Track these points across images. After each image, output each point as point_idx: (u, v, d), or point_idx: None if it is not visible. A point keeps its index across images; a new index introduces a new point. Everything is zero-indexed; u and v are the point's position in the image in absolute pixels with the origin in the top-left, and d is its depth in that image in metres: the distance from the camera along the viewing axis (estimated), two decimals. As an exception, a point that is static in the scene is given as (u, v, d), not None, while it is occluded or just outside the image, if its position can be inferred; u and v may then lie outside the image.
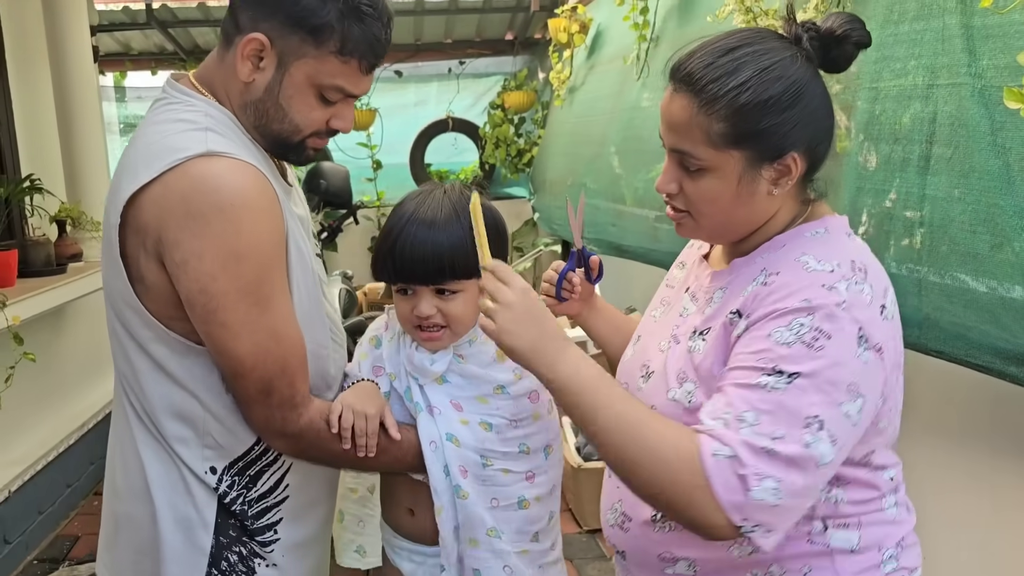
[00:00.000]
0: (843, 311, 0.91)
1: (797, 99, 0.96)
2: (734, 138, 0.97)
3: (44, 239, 3.15)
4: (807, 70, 0.98)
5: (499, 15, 5.17)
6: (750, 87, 0.96)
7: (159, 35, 4.93)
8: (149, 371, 1.18)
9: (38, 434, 3.33)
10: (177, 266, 1.09)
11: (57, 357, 3.48)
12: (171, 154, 1.08)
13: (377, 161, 5.59)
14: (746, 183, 0.99)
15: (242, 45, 1.13)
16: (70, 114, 3.51)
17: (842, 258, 0.96)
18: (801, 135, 0.97)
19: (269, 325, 1.13)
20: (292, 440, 1.19)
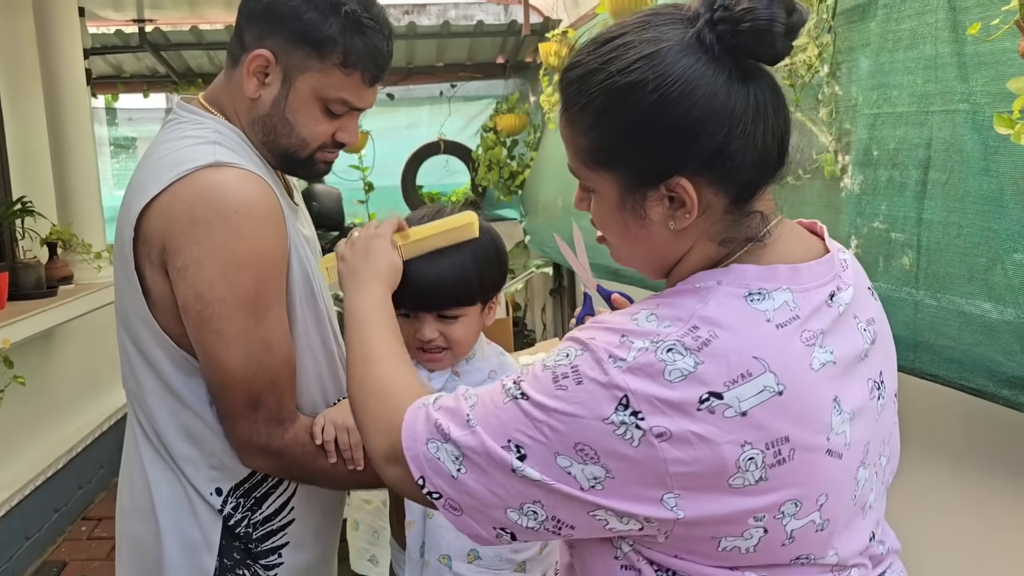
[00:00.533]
0: (612, 367, 0.74)
1: (667, 106, 0.74)
2: (596, 157, 0.80)
3: (35, 261, 3.14)
4: (700, 65, 0.74)
5: (490, 39, 5.21)
6: (603, 91, 0.76)
7: (151, 58, 4.94)
8: (156, 390, 1.18)
9: (26, 458, 3.29)
10: (177, 271, 1.10)
11: (47, 380, 3.46)
12: (179, 166, 1.10)
13: (369, 183, 5.60)
14: (631, 213, 0.80)
15: (248, 62, 1.15)
16: (62, 137, 3.51)
17: (681, 319, 0.75)
18: (683, 153, 0.75)
19: (263, 336, 1.13)
20: (275, 456, 1.18)
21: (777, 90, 0.78)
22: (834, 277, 0.84)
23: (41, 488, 3.27)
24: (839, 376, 0.79)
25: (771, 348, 0.75)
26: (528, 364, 2.73)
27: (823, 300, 0.81)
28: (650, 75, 0.74)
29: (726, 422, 0.72)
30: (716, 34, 0.74)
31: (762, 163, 0.78)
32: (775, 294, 0.78)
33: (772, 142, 0.77)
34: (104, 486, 3.97)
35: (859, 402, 0.81)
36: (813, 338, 0.78)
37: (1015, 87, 1.04)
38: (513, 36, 5.08)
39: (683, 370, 0.73)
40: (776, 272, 0.79)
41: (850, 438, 0.79)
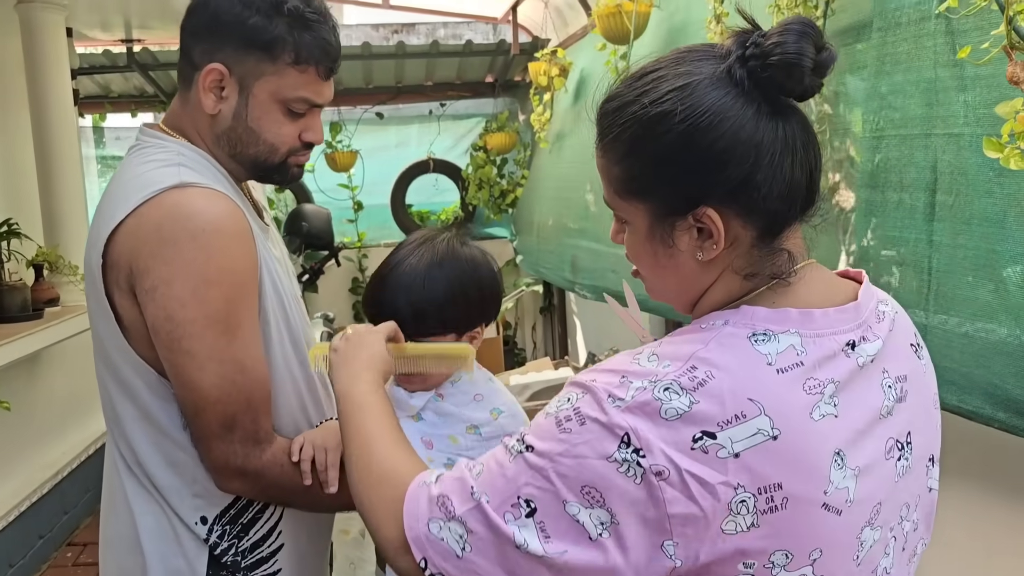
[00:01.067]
0: (612, 406, 0.74)
1: (696, 137, 0.76)
2: (628, 186, 0.82)
3: (20, 284, 3.09)
4: (729, 98, 0.76)
5: (479, 58, 5.23)
6: (635, 121, 0.79)
7: (139, 77, 4.92)
8: (136, 419, 1.16)
9: (10, 484, 3.23)
10: (146, 293, 1.08)
11: (31, 404, 3.40)
12: (145, 188, 1.09)
13: (358, 202, 5.59)
14: (660, 243, 0.82)
15: (202, 79, 1.14)
16: (49, 158, 3.47)
17: (679, 358, 0.76)
18: (710, 184, 0.77)
19: (236, 356, 1.11)
20: (252, 478, 1.15)
21: (808, 127, 0.80)
22: (858, 326, 0.82)
23: (26, 514, 3.20)
24: (846, 429, 0.77)
25: (769, 392, 0.74)
26: (519, 384, 2.72)
27: (837, 348, 0.79)
28: (679, 106, 0.77)
29: (719, 462, 0.72)
30: (747, 69, 0.76)
31: (790, 197, 0.78)
32: (781, 337, 0.77)
33: (801, 176, 0.78)
34: (89, 511, 3.90)
35: (870, 460, 0.79)
36: (819, 387, 0.76)
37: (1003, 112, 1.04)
38: (502, 55, 5.10)
39: (678, 409, 0.73)
40: (786, 315, 0.79)
41: (854, 495, 0.76)
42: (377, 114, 5.59)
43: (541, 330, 5.73)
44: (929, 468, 0.88)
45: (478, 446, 1.25)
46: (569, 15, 4.30)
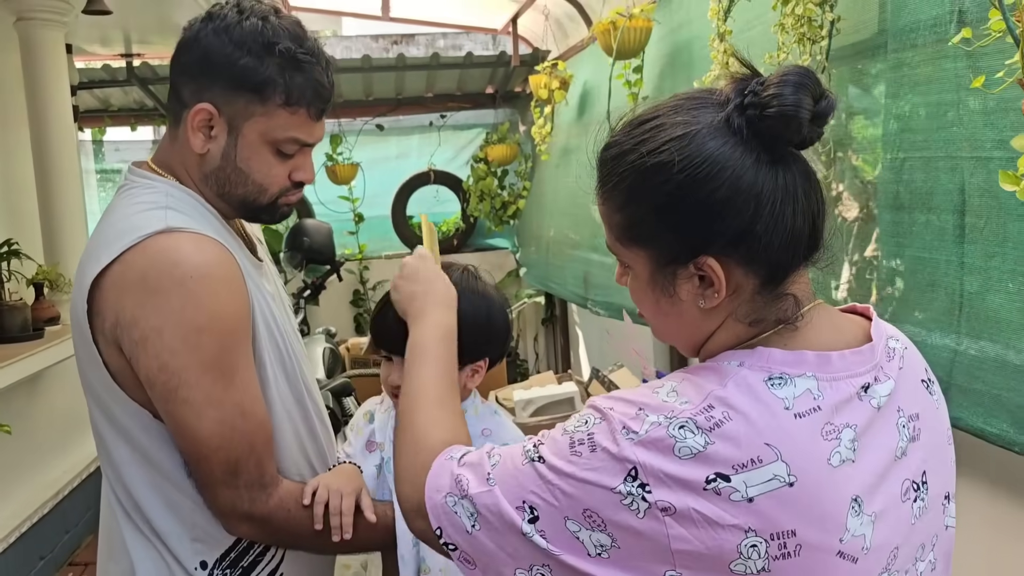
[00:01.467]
0: (625, 438, 0.74)
1: (694, 186, 0.76)
2: (629, 234, 0.82)
3: (21, 303, 3.07)
4: (728, 147, 0.75)
5: (479, 70, 5.22)
6: (634, 170, 0.79)
7: (139, 91, 4.91)
8: (133, 461, 1.14)
9: (10, 505, 3.21)
10: (136, 344, 1.06)
11: (32, 423, 3.38)
12: (130, 234, 1.07)
13: (359, 214, 5.57)
14: (662, 290, 0.82)
15: (191, 118, 1.12)
16: (49, 176, 3.46)
17: (698, 396, 0.75)
18: (710, 233, 0.76)
19: (235, 401, 1.09)
20: (259, 523, 1.14)
21: (810, 175, 0.79)
22: (872, 368, 0.81)
23: (27, 534, 3.18)
24: (864, 474, 0.76)
25: (786, 437, 0.73)
26: (523, 399, 2.68)
27: (853, 392, 0.78)
28: (677, 156, 0.76)
29: (731, 505, 0.71)
30: (745, 118, 0.76)
31: (792, 245, 0.78)
32: (798, 380, 0.77)
33: (803, 224, 0.78)
34: (91, 530, 3.87)
35: (886, 504, 0.77)
36: (836, 432, 0.75)
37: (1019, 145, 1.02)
38: (502, 67, 5.10)
39: (693, 448, 0.73)
40: (803, 358, 0.78)
41: (870, 542, 0.75)
42: (377, 126, 5.58)
43: (543, 341, 5.71)
44: (945, 506, 0.87)
45: None
46: (569, 27, 4.29)
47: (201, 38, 1.12)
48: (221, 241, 1.12)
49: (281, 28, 1.12)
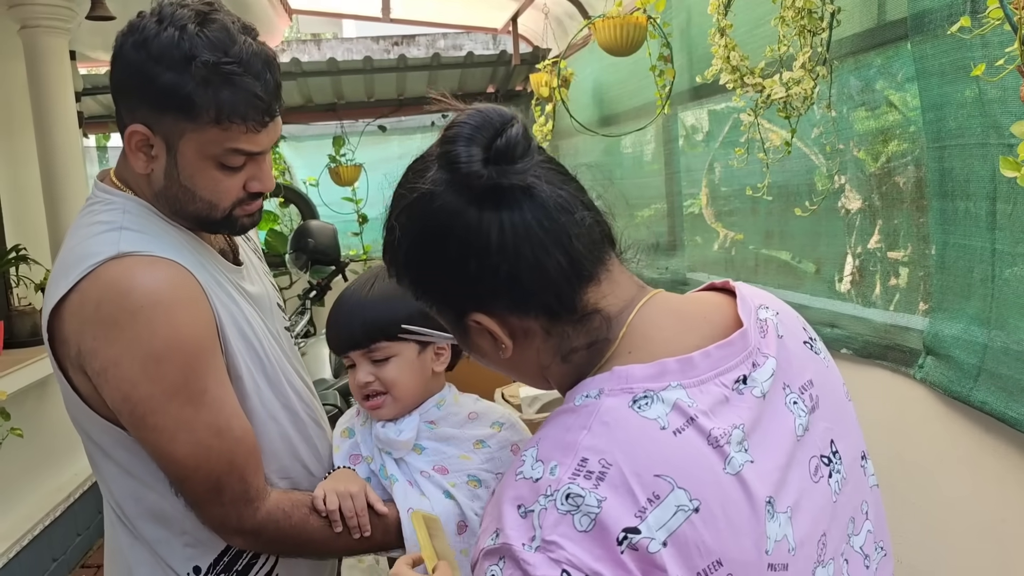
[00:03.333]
0: (534, 555, 0.64)
1: (424, 252, 0.76)
2: (418, 298, 0.83)
3: (30, 308, 3.11)
4: (445, 204, 0.72)
5: (480, 69, 5.24)
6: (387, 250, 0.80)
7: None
8: (117, 476, 1.14)
9: (22, 508, 3.24)
10: (97, 375, 1.05)
11: (42, 427, 3.41)
12: (84, 261, 1.05)
13: (363, 215, 5.60)
14: (468, 343, 0.81)
15: (127, 139, 1.08)
16: (55, 182, 3.48)
17: (566, 455, 0.67)
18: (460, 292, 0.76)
19: (207, 421, 1.07)
20: (251, 536, 1.14)
21: (546, 204, 0.73)
22: (745, 355, 0.74)
23: (39, 537, 3.21)
24: (767, 472, 0.70)
25: (672, 460, 0.67)
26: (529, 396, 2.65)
27: (728, 389, 0.72)
28: (406, 228, 0.76)
29: (651, 559, 0.64)
30: (446, 172, 0.73)
31: (547, 281, 0.73)
32: (664, 395, 0.70)
33: (551, 257, 0.72)
34: (101, 532, 3.88)
35: (799, 493, 0.72)
36: (723, 436, 0.69)
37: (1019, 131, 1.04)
38: (503, 66, 5.11)
39: (589, 514, 0.64)
40: (664, 368, 0.71)
41: (794, 541, 0.70)
42: (380, 127, 5.60)
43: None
44: (864, 467, 0.82)
45: (492, 458, 1.26)
46: (569, 25, 4.31)
47: (124, 53, 1.04)
48: (177, 259, 1.08)
49: (201, 37, 1.01)
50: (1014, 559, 1.57)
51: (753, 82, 2.08)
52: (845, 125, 2.08)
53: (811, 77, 1.89)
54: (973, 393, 1.49)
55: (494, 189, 0.72)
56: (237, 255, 1.26)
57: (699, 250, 3.06)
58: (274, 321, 1.27)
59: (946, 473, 1.73)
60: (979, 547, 1.66)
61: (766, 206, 2.45)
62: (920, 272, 1.84)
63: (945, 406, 1.68)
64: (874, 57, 1.81)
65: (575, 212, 0.74)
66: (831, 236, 2.24)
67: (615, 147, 3.92)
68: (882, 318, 1.98)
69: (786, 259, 2.56)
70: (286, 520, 1.14)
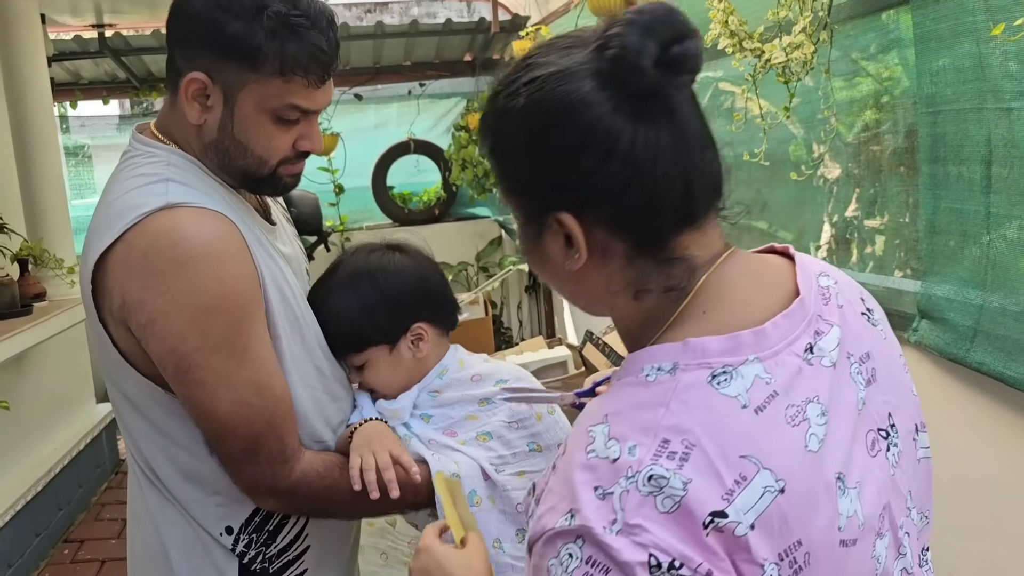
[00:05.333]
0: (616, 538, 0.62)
1: (546, 132, 0.69)
2: (501, 185, 0.76)
3: (8, 279, 3.03)
4: (584, 92, 0.68)
5: (458, 37, 5.18)
6: (494, 117, 0.74)
7: (111, 63, 4.80)
8: (150, 434, 1.13)
9: (4, 484, 3.19)
10: (144, 327, 1.03)
11: (22, 401, 3.34)
12: (131, 212, 1.03)
13: (339, 185, 5.53)
14: (535, 247, 0.75)
15: (184, 88, 1.06)
16: (28, 149, 3.39)
17: (644, 435, 0.65)
18: (563, 185, 0.70)
19: (249, 378, 1.07)
20: (284, 497, 1.13)
21: (686, 132, 0.70)
22: (809, 322, 0.72)
23: (21, 512, 3.16)
24: (838, 447, 0.69)
25: (756, 440, 0.65)
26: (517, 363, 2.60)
27: (800, 359, 0.70)
28: (528, 101, 0.70)
29: (738, 542, 0.62)
30: (603, 62, 0.68)
31: (656, 209, 0.69)
32: (743, 370, 0.67)
33: (668, 186, 0.69)
34: (84, 506, 3.86)
35: (864, 468, 0.71)
36: (800, 412, 0.67)
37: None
38: (481, 34, 5.05)
39: (673, 496, 0.62)
40: (740, 341, 0.68)
41: (863, 516, 0.69)
42: (356, 95, 5.52)
43: (527, 309, 5.74)
44: (916, 439, 0.81)
45: (501, 409, 1.26)
46: (551, -8, 4.27)
47: (190, 1, 1.05)
48: (225, 212, 1.07)
49: None
50: (1010, 519, 1.62)
51: (752, 47, 2.08)
52: (825, 94, 2.09)
53: (811, 41, 1.90)
54: (970, 354, 1.52)
55: (646, 95, 0.67)
56: (270, 215, 1.24)
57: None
58: (304, 284, 1.26)
59: (941, 434, 1.78)
60: (975, 505, 1.71)
61: (746, 175, 2.46)
62: (912, 236, 1.87)
63: (939, 368, 1.72)
64: (872, 21, 1.82)
65: (706, 151, 0.72)
66: (814, 204, 2.26)
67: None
68: (873, 282, 2.01)
69: (764, 228, 2.58)
70: (319, 481, 1.14)
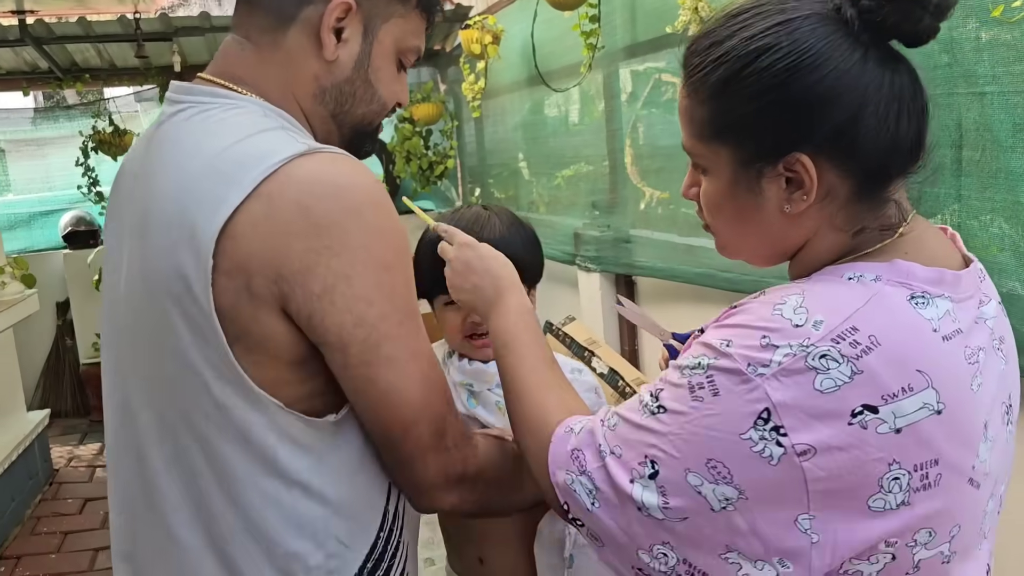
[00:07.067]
0: (753, 375, 0.67)
1: (797, 75, 0.70)
2: (714, 127, 0.76)
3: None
4: (836, 38, 0.70)
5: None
6: (729, 59, 0.73)
7: (33, 52, 4.55)
8: (254, 475, 0.87)
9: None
10: (319, 299, 0.83)
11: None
12: (259, 161, 0.83)
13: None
14: (744, 191, 0.76)
15: (328, 14, 0.92)
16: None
17: (835, 316, 0.68)
18: (807, 129, 0.71)
19: (424, 348, 0.91)
20: (470, 483, 0.94)
21: (917, 79, 0.74)
22: (975, 289, 0.78)
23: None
24: (988, 398, 0.74)
25: (936, 362, 0.69)
26: None
27: (975, 314, 0.76)
28: (782, 41, 0.71)
29: (877, 438, 0.66)
30: (858, 8, 0.71)
31: (893, 151, 0.73)
32: (938, 301, 0.72)
33: (907, 130, 0.73)
34: (17, 520, 3.66)
35: (997, 428, 0.76)
36: (974, 355, 0.73)
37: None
38: (423, 23, 4.98)
39: (837, 380, 0.66)
40: (942, 276, 0.73)
41: (989, 467, 0.74)
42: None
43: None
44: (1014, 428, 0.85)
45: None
46: (494, -19, 4.23)
47: None
48: None
49: None
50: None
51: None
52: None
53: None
54: None
55: (888, 40, 0.72)
56: None
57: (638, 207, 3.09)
58: None
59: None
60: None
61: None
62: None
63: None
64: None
65: (929, 100, 0.76)
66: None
67: (540, 106, 3.91)
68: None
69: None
70: (500, 452, 0.99)
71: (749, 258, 0.83)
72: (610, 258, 3.15)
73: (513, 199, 4.24)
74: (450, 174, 5.16)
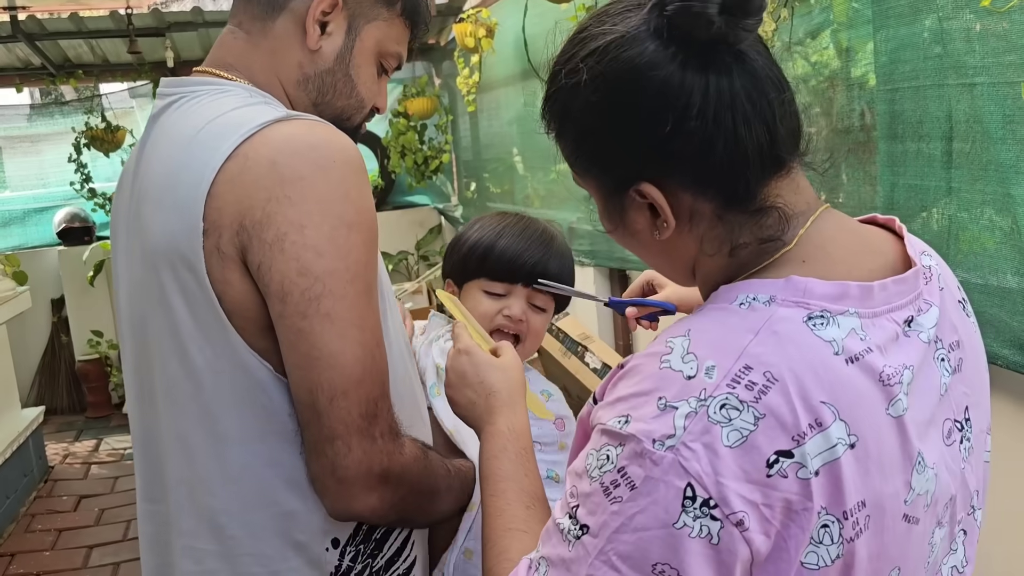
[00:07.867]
0: (662, 451, 0.60)
1: (613, 103, 0.67)
2: (575, 163, 0.74)
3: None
4: (648, 55, 0.66)
5: (393, 21, 5.07)
6: (557, 94, 0.72)
7: (25, 48, 4.53)
8: (245, 436, 0.91)
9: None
10: (269, 247, 0.83)
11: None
12: (240, 127, 0.86)
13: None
14: (619, 220, 0.73)
15: (315, 6, 0.97)
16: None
17: (726, 357, 0.62)
18: (640, 154, 0.68)
19: (374, 324, 0.88)
20: (394, 483, 0.90)
21: (758, 76, 0.67)
22: (914, 296, 0.70)
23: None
24: (919, 423, 0.66)
25: (841, 390, 0.62)
26: None
27: (899, 327, 0.68)
28: (591, 73, 0.68)
29: (800, 485, 0.60)
30: (664, 18, 0.66)
31: (741, 158, 0.66)
32: (840, 319, 0.65)
33: (751, 132, 0.66)
34: (12, 518, 3.66)
35: (939, 452, 0.69)
36: (895, 376, 0.65)
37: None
38: (417, 18, 4.96)
39: (743, 430, 0.60)
40: (845, 290, 0.66)
41: (931, 498, 0.67)
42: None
43: (469, 297, 5.70)
44: (986, 440, 0.78)
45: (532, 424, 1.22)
46: (488, -25, 4.21)
47: None
48: None
49: None
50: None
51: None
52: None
53: (772, 19, 1.91)
54: None
55: (710, 46, 0.65)
56: None
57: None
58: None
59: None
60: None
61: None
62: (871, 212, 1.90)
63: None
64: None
65: (784, 92, 0.68)
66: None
67: (534, 100, 3.90)
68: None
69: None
70: (424, 458, 0.96)
71: (668, 277, 0.80)
72: (604, 252, 3.15)
73: (508, 193, 4.23)
74: (445, 168, 5.14)
